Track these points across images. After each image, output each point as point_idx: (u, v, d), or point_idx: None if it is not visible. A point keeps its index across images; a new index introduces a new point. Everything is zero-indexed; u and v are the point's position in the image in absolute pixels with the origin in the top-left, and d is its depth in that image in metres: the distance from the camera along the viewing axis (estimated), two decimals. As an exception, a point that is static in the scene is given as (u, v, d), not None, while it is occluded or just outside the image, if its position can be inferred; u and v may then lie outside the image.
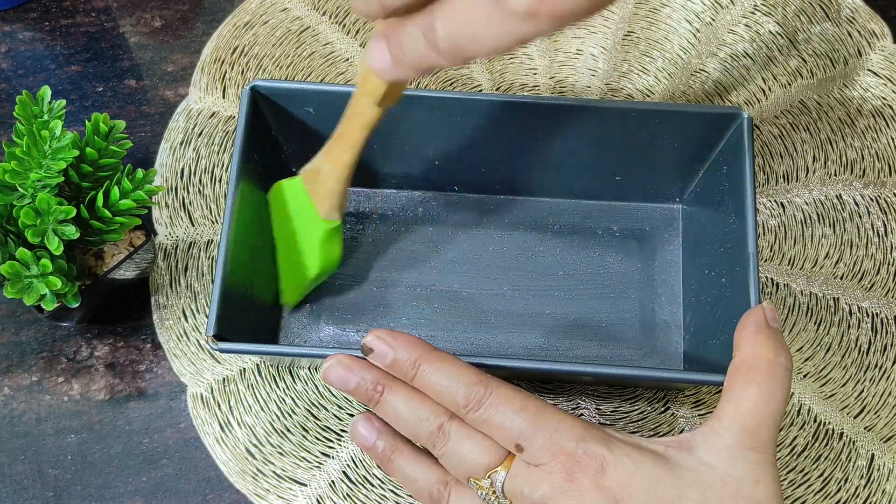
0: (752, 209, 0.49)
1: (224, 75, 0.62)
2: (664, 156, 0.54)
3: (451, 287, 0.56)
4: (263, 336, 0.53)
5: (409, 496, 0.52)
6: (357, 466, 0.53)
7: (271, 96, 0.52)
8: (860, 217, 0.58)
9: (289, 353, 0.47)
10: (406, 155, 0.56)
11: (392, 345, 0.42)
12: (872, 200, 0.59)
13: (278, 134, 0.55)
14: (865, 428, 0.54)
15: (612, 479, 0.38)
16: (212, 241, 0.57)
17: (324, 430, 0.53)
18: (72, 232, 0.46)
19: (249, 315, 0.51)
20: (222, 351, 0.46)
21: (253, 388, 0.54)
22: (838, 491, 0.53)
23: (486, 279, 0.56)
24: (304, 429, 0.53)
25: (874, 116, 0.61)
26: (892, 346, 0.55)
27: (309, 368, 0.55)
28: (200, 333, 0.55)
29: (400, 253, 0.57)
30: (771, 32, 0.64)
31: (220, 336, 0.46)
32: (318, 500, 0.52)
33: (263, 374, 0.54)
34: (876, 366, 0.55)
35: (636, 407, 0.54)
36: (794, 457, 0.53)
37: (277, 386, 0.54)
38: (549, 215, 0.58)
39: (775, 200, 0.59)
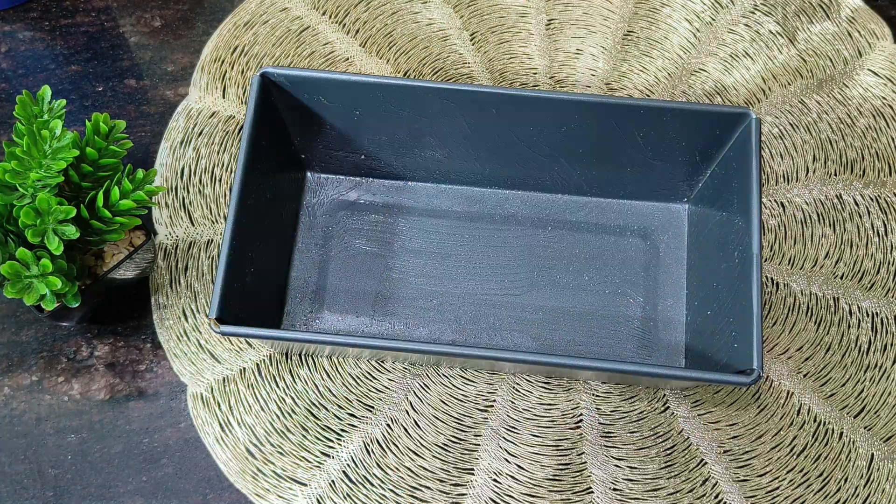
0: (758, 210, 0.49)
1: (224, 75, 0.62)
2: (671, 154, 0.54)
3: (456, 279, 0.56)
4: (267, 323, 0.54)
5: (410, 496, 0.52)
6: (357, 466, 0.53)
7: (282, 84, 0.52)
8: (860, 217, 0.58)
9: (291, 338, 0.47)
10: (412, 149, 0.56)
11: None
12: (872, 200, 0.59)
13: (288, 123, 0.55)
14: (865, 428, 0.54)
15: None
16: (212, 240, 0.57)
17: (324, 430, 0.53)
18: (72, 232, 0.46)
19: (253, 302, 0.51)
20: (224, 334, 0.46)
21: (253, 388, 0.54)
22: (838, 491, 0.53)
23: (490, 273, 0.56)
24: (304, 429, 0.53)
25: (874, 116, 0.61)
26: (892, 345, 0.55)
27: (314, 356, 0.55)
28: (200, 333, 0.55)
29: (405, 244, 0.57)
30: (771, 32, 0.64)
31: (222, 319, 0.46)
32: (318, 500, 0.52)
33: (263, 374, 0.54)
34: (876, 366, 0.55)
35: (636, 407, 0.54)
36: (794, 457, 0.53)
37: (277, 386, 0.54)
38: (555, 211, 0.58)
39: (775, 200, 0.59)
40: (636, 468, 0.53)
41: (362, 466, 0.53)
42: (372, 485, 0.52)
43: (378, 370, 0.55)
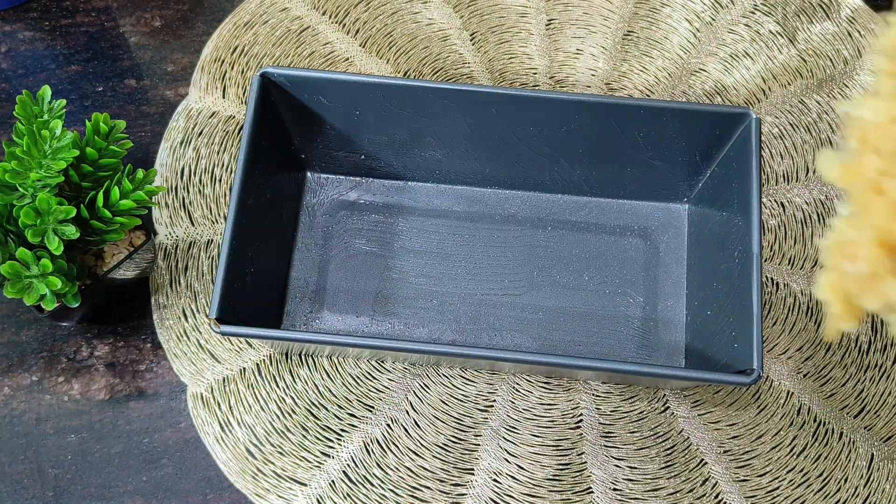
0: (758, 210, 0.49)
1: (224, 75, 0.62)
2: (671, 154, 0.54)
3: (456, 279, 0.56)
4: (267, 323, 0.54)
5: (410, 496, 0.52)
6: (357, 466, 0.53)
7: (282, 84, 0.52)
8: (860, 217, 0.58)
9: (291, 338, 0.47)
10: (412, 149, 0.56)
11: None
12: (872, 200, 0.59)
13: (288, 123, 0.55)
14: (865, 428, 0.54)
15: None
16: (212, 240, 0.57)
17: (324, 430, 0.53)
18: (72, 232, 0.46)
19: (253, 302, 0.51)
20: (224, 334, 0.46)
21: (253, 388, 0.54)
22: (838, 491, 0.53)
23: (490, 273, 0.56)
24: (304, 429, 0.53)
25: (874, 116, 0.61)
26: (892, 345, 0.55)
27: (314, 356, 0.55)
28: (200, 333, 0.55)
29: (405, 244, 0.57)
30: (771, 32, 0.64)
31: (222, 319, 0.47)
32: (318, 500, 0.52)
33: (263, 374, 0.54)
34: (876, 365, 0.55)
35: (636, 407, 0.54)
36: (794, 457, 0.53)
37: (277, 386, 0.54)
38: (555, 211, 0.58)
39: (775, 200, 0.59)
40: (636, 468, 0.53)
41: (362, 466, 0.53)
42: (372, 485, 0.52)
43: (378, 370, 0.55)
